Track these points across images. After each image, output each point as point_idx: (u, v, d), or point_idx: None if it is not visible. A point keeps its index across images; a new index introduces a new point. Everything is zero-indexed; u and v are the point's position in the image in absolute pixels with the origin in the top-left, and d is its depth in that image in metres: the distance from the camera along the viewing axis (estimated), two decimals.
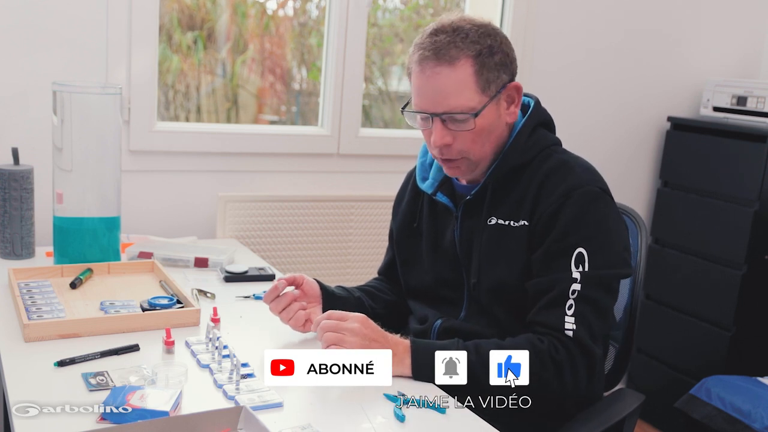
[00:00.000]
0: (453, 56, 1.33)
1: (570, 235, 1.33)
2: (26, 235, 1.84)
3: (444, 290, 1.51)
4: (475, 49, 1.33)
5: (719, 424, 2.38)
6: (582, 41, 2.81)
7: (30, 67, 2.02)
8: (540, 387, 1.30)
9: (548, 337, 1.31)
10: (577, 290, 1.31)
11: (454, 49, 1.33)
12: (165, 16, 2.31)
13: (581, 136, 2.83)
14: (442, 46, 1.33)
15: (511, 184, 1.42)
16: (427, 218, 1.54)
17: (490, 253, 1.41)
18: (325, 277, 2.42)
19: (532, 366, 1.29)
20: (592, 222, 1.35)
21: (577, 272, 1.32)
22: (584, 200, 1.35)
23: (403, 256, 1.60)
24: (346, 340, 1.27)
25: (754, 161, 2.66)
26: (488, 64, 1.34)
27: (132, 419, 1.05)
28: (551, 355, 1.29)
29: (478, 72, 1.34)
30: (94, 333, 1.38)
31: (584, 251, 1.32)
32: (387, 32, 2.71)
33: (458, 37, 1.33)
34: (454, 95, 1.34)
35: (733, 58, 3.13)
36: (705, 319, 2.83)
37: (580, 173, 1.38)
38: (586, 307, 1.31)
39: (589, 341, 1.31)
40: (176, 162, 2.26)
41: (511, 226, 1.39)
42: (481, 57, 1.34)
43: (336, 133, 2.45)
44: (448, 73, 1.33)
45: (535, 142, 1.42)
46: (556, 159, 1.41)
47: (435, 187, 1.51)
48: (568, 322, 1.30)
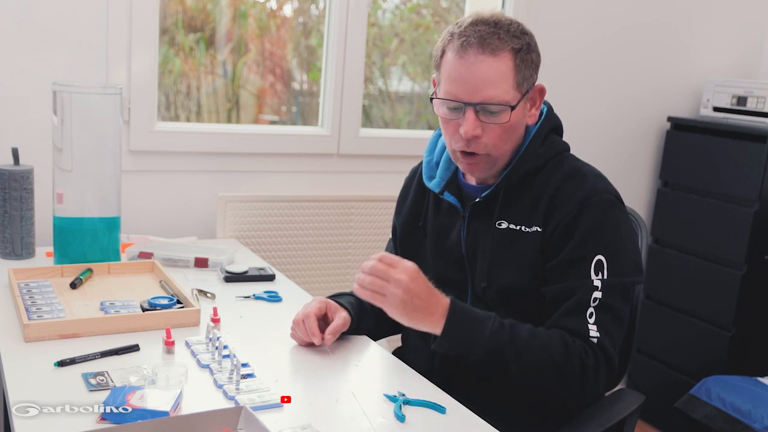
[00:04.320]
0: (497, 47, 1.32)
1: (589, 242, 1.33)
2: (26, 235, 1.84)
3: (447, 289, 1.50)
4: (518, 43, 1.33)
5: (719, 424, 2.38)
6: (582, 41, 2.81)
7: (30, 67, 2.02)
8: (560, 384, 1.30)
9: (579, 341, 1.31)
10: (598, 298, 1.31)
11: (497, 40, 1.32)
12: (168, 19, 2.32)
13: (582, 136, 2.83)
14: (486, 35, 1.32)
15: (523, 189, 1.41)
16: (432, 217, 1.54)
17: (498, 257, 1.41)
18: (325, 277, 2.44)
19: (558, 360, 1.28)
20: (609, 229, 1.35)
21: (597, 280, 1.31)
22: (601, 207, 1.35)
23: (407, 253, 1.59)
24: (389, 291, 1.25)
25: (754, 161, 2.66)
26: (526, 61, 1.35)
27: (132, 419, 1.05)
28: (581, 357, 1.29)
29: (517, 67, 1.34)
30: (94, 333, 1.38)
31: (603, 258, 1.32)
32: (387, 32, 2.71)
33: (501, 30, 1.33)
34: (493, 86, 1.32)
35: (733, 58, 3.13)
36: (705, 319, 2.83)
37: (594, 181, 1.38)
38: (605, 315, 1.31)
39: (611, 350, 1.31)
40: (176, 162, 2.26)
41: (523, 231, 1.39)
42: (521, 53, 1.34)
43: (336, 133, 2.45)
44: (492, 62, 1.32)
45: (548, 147, 1.42)
46: (569, 166, 1.41)
47: (442, 186, 1.50)
48: (591, 329, 1.30)
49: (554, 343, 1.29)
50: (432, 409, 1.20)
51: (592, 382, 1.30)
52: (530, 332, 1.31)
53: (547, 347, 1.29)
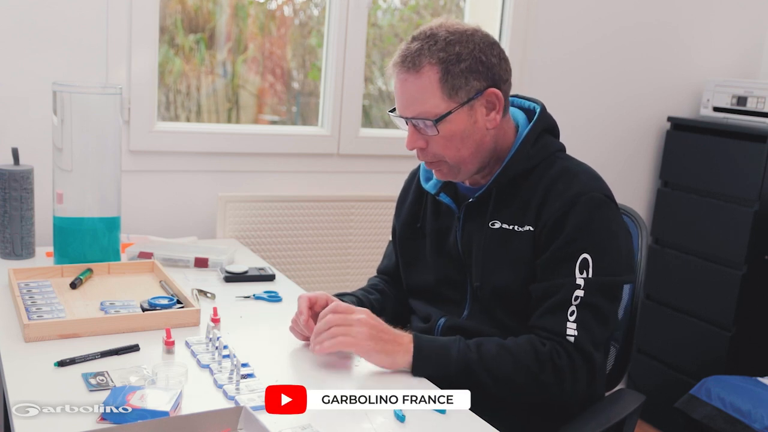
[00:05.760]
0: (418, 63, 1.35)
1: (575, 241, 1.33)
2: (26, 235, 1.84)
3: (447, 290, 1.51)
4: (440, 56, 1.34)
5: (719, 424, 2.38)
6: (582, 41, 2.81)
7: (30, 68, 2.02)
8: (539, 389, 1.31)
9: (550, 341, 1.32)
10: (580, 296, 1.32)
11: (419, 56, 1.35)
12: (168, 19, 2.31)
13: (582, 136, 2.84)
14: (410, 53, 1.36)
15: (515, 190, 1.42)
16: (430, 218, 1.55)
17: (492, 257, 1.42)
18: (325, 277, 2.44)
19: (532, 368, 1.29)
20: (597, 228, 1.35)
21: (580, 278, 1.32)
22: (590, 206, 1.35)
23: (406, 255, 1.60)
24: (354, 331, 1.28)
25: (754, 161, 2.66)
26: (453, 71, 1.34)
27: (132, 419, 1.05)
28: (552, 359, 1.30)
29: (442, 79, 1.34)
30: (94, 333, 1.38)
31: (589, 257, 1.32)
32: (387, 32, 2.71)
33: (426, 45, 1.35)
34: (419, 102, 1.36)
35: (733, 58, 3.13)
36: (705, 319, 2.83)
37: (585, 180, 1.39)
38: (587, 313, 1.32)
39: (590, 347, 1.31)
40: (176, 162, 2.26)
41: (516, 231, 1.40)
42: (446, 64, 1.34)
43: (336, 133, 2.45)
44: (414, 79, 1.36)
45: (540, 148, 1.43)
46: (561, 165, 1.41)
47: (438, 188, 1.52)
48: (569, 328, 1.31)
49: (524, 351, 1.31)
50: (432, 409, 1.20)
51: (570, 382, 1.31)
52: (498, 346, 1.32)
53: (517, 357, 1.30)
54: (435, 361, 1.30)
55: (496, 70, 1.38)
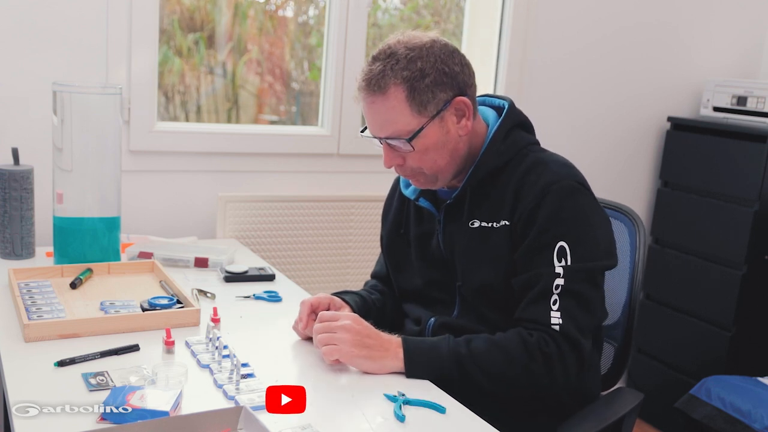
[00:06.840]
0: (383, 84, 1.34)
1: (550, 229, 1.34)
2: (26, 235, 1.84)
3: (435, 292, 1.52)
4: (404, 75, 1.34)
5: (719, 424, 2.38)
6: (582, 41, 2.81)
7: (30, 68, 2.02)
8: (530, 380, 1.31)
9: (537, 332, 1.32)
10: (560, 285, 1.32)
11: (383, 78, 1.34)
12: (167, 19, 2.32)
13: (582, 136, 2.84)
14: (373, 76, 1.35)
15: (489, 187, 1.43)
16: (414, 224, 1.56)
17: (473, 256, 1.43)
18: (325, 277, 2.44)
19: (521, 359, 1.30)
20: (571, 216, 1.35)
21: (559, 266, 1.33)
22: (562, 194, 1.35)
23: (394, 262, 1.62)
24: (338, 339, 1.29)
25: (754, 161, 2.66)
26: (419, 88, 1.34)
27: (132, 419, 1.05)
28: (540, 348, 1.30)
29: (409, 97, 1.34)
30: (94, 333, 1.38)
31: (566, 245, 1.33)
32: (387, 32, 2.71)
33: (389, 65, 1.34)
34: (390, 122, 1.36)
35: (733, 58, 3.13)
36: (705, 319, 2.83)
37: (556, 169, 1.39)
38: (570, 301, 1.32)
39: (576, 334, 1.32)
40: (176, 162, 2.26)
41: (493, 228, 1.41)
42: (410, 82, 1.34)
43: (336, 133, 2.45)
44: (381, 101, 1.36)
45: (510, 144, 1.43)
46: (532, 158, 1.42)
47: (418, 193, 1.53)
48: (554, 316, 1.32)
49: (512, 343, 1.31)
50: (432, 409, 1.20)
51: (560, 370, 1.31)
52: (487, 341, 1.33)
53: (506, 349, 1.31)
54: (427, 362, 1.31)
55: (460, 78, 1.38)
